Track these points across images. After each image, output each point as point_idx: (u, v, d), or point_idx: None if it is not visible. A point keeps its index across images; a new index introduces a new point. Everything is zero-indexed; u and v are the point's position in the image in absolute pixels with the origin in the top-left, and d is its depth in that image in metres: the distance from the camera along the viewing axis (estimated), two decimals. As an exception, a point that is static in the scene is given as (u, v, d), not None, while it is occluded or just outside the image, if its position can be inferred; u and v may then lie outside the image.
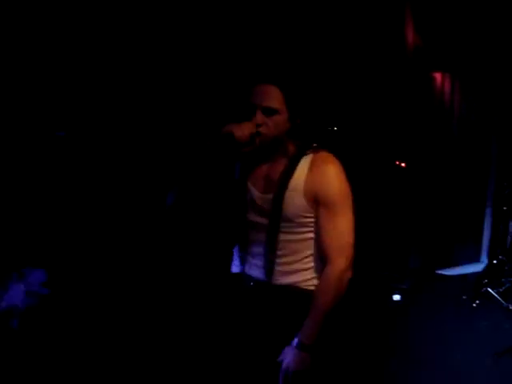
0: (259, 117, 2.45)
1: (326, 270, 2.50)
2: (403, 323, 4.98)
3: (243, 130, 2.41)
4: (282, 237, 2.53)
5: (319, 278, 2.56)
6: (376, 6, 5.72)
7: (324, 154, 2.54)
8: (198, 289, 4.22)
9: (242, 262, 2.66)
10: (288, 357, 2.51)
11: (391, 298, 5.46)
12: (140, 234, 4.48)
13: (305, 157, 2.53)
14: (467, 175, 6.52)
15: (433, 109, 6.28)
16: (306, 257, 2.56)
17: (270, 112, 2.45)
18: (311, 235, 2.54)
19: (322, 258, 2.56)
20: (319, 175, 2.48)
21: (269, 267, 2.56)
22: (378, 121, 5.84)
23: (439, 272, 6.35)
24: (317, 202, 2.49)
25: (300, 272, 2.56)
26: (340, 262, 2.48)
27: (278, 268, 2.55)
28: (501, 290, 5.39)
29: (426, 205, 6.11)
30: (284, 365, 2.51)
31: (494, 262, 5.67)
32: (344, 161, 2.58)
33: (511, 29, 6.10)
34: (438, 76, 6.33)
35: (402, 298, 5.47)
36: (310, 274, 2.57)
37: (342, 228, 2.49)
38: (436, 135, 6.27)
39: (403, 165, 5.76)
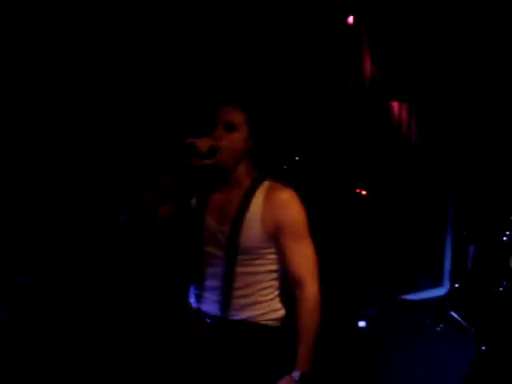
0: (219, 131, 2.50)
1: (302, 295, 2.49)
2: (368, 349, 5.00)
3: (203, 142, 2.45)
4: (239, 269, 2.52)
5: (276, 311, 2.57)
6: (334, 38, 5.82)
7: (278, 184, 2.55)
8: (153, 321, 4.19)
9: (197, 299, 2.62)
10: None
11: (356, 324, 5.48)
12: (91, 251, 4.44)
13: (260, 187, 2.54)
14: (426, 202, 6.62)
15: (391, 137, 6.38)
16: (263, 289, 2.55)
17: (230, 127, 2.50)
18: (268, 267, 2.55)
19: (277, 289, 2.57)
20: (277, 205, 2.50)
21: (225, 301, 2.54)
22: (337, 150, 5.91)
23: (403, 297, 6.41)
24: (278, 231, 2.49)
25: (256, 305, 2.55)
26: (314, 284, 2.50)
27: (234, 301, 2.53)
28: (464, 313, 5.45)
29: (387, 231, 6.18)
30: None
31: (456, 285, 5.73)
32: (304, 189, 2.62)
33: (465, 59, 6.26)
34: (395, 105, 6.45)
35: (366, 324, 5.50)
36: (267, 308, 2.56)
37: (308, 252, 2.52)
38: (394, 163, 6.37)
39: (364, 193, 5.83)
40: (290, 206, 2.51)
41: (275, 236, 2.51)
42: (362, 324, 5.48)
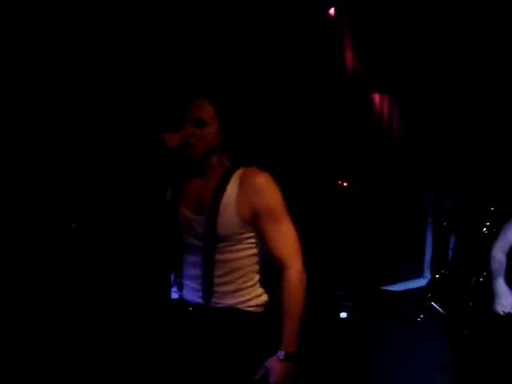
0: (189, 127, 2.49)
1: (286, 275, 2.49)
2: (350, 340, 5.03)
3: (173, 138, 2.44)
4: (218, 257, 2.52)
5: (258, 296, 2.58)
6: (316, 29, 5.82)
7: (251, 168, 2.55)
8: (136, 315, 4.18)
9: (179, 288, 2.63)
10: (276, 371, 2.48)
11: (338, 315, 5.51)
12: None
13: (234, 174, 2.53)
14: (408, 193, 6.65)
15: (372, 129, 6.40)
16: (244, 275, 2.55)
17: (199, 124, 2.49)
18: (247, 252, 2.55)
19: (259, 274, 2.58)
20: (251, 189, 2.49)
21: (206, 289, 2.54)
22: (319, 141, 5.92)
23: (384, 288, 6.45)
24: (256, 215, 2.49)
25: (239, 292, 2.55)
26: (297, 264, 2.50)
27: (216, 289, 2.54)
28: (444, 303, 5.50)
29: (368, 223, 6.20)
30: (273, 379, 2.48)
31: (437, 276, 5.77)
32: (284, 181, 2.62)
33: (446, 50, 6.29)
34: (376, 97, 6.46)
35: (348, 315, 5.53)
36: (249, 294, 2.57)
37: (289, 232, 2.52)
38: (376, 154, 6.39)
39: (345, 184, 5.85)
40: (264, 189, 2.50)
41: (253, 220, 2.50)
42: (343, 315, 5.50)
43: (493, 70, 6.03)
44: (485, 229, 5.26)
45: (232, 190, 2.51)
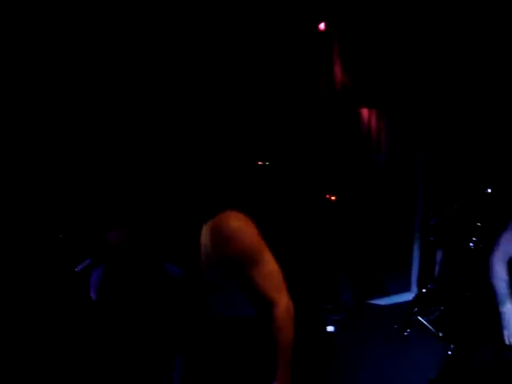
0: None
1: (273, 313, 2.50)
2: (337, 354, 5.03)
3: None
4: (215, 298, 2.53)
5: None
6: (306, 44, 5.85)
7: (220, 217, 2.47)
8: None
9: None
10: None
11: (325, 329, 5.51)
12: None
13: (205, 226, 2.48)
14: (395, 207, 6.67)
15: (360, 143, 6.43)
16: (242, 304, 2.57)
17: None
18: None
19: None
20: (222, 240, 2.44)
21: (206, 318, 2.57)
22: (307, 155, 5.94)
23: (371, 302, 6.46)
24: (233, 263, 2.45)
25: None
26: (282, 298, 2.51)
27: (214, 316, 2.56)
28: (431, 318, 5.51)
29: (356, 236, 6.22)
30: None
31: (424, 290, 5.79)
32: (273, 195, 2.63)
33: (434, 66, 6.34)
34: (364, 112, 6.49)
35: (335, 329, 5.53)
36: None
37: (270, 271, 2.50)
38: (364, 169, 6.42)
39: (333, 198, 5.87)
40: (234, 237, 2.45)
41: (232, 267, 2.47)
42: (330, 329, 5.50)
43: (481, 85, 6.09)
44: (471, 244, 5.29)
45: (205, 242, 2.46)
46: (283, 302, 2.50)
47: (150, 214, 2.55)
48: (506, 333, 3.49)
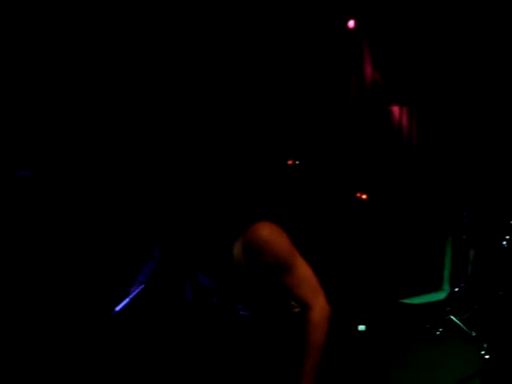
0: None
1: (309, 316, 2.60)
2: (368, 353, 5.02)
3: None
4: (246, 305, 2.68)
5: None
6: (335, 42, 5.84)
7: (251, 230, 2.57)
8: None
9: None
10: None
11: (356, 328, 5.49)
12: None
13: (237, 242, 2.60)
14: (427, 205, 6.63)
15: (392, 142, 6.39)
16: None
17: None
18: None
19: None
20: (254, 251, 2.55)
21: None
22: (338, 154, 5.93)
23: (403, 301, 6.42)
24: (268, 271, 2.57)
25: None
26: (318, 302, 2.61)
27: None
28: (463, 317, 5.47)
29: (387, 235, 6.19)
30: None
31: (456, 289, 5.74)
32: (305, 194, 2.66)
33: (465, 62, 6.28)
34: (395, 109, 6.46)
35: (366, 328, 5.51)
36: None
37: (304, 275, 2.61)
38: (395, 167, 6.38)
39: (364, 197, 5.85)
40: (266, 246, 2.55)
41: (268, 275, 2.59)
42: (361, 327, 5.49)
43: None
44: (505, 242, 5.23)
45: (238, 253, 2.59)
46: (319, 306, 2.60)
47: (182, 226, 2.64)
48: None
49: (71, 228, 4.44)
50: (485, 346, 4.86)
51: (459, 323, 5.40)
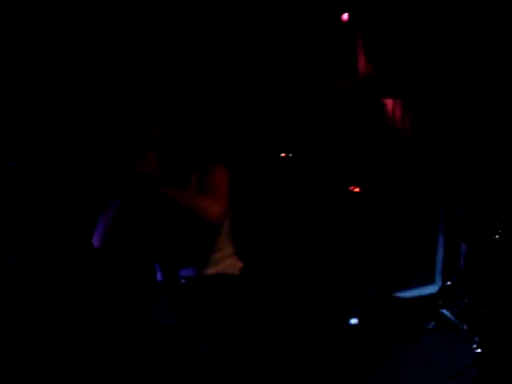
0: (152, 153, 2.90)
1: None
2: (360, 346, 5.03)
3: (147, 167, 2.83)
4: None
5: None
6: (329, 35, 5.83)
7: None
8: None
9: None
10: None
11: (349, 321, 5.51)
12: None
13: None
14: (419, 199, 6.64)
15: (385, 134, 6.39)
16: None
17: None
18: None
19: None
20: None
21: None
22: (331, 147, 5.93)
23: (394, 295, 6.44)
24: None
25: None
26: None
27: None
28: (455, 311, 5.48)
29: (380, 229, 6.20)
30: None
31: (448, 283, 5.76)
32: (297, 186, 2.68)
33: (459, 56, 6.28)
34: (389, 102, 6.45)
35: (359, 321, 5.53)
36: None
37: None
38: (388, 161, 6.39)
39: (357, 190, 5.85)
40: None
41: None
42: (354, 321, 5.50)
43: (509, 76, 6.02)
44: (497, 236, 5.24)
45: None
46: None
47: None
48: None
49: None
50: (476, 339, 4.87)
51: (451, 317, 5.41)
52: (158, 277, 3.10)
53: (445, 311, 5.46)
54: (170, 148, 2.94)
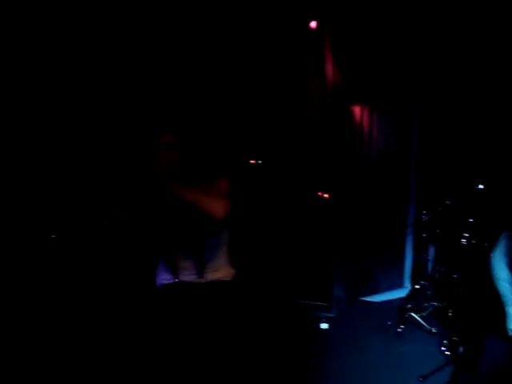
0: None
1: None
2: (330, 350, 5.04)
3: (161, 166, 3.02)
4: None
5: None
6: (297, 42, 5.86)
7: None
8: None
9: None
10: None
11: (319, 326, 5.52)
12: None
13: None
14: (387, 204, 6.69)
15: (352, 140, 6.44)
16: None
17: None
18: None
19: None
20: None
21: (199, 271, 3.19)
22: (300, 153, 5.95)
23: (364, 299, 6.48)
24: None
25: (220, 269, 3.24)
26: None
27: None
28: (424, 314, 5.54)
29: (349, 234, 6.23)
30: None
31: (417, 287, 5.81)
32: (266, 192, 2.71)
33: (426, 63, 6.36)
34: (357, 109, 6.50)
35: (329, 326, 5.54)
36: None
37: None
38: (356, 166, 6.43)
39: (326, 195, 5.88)
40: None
41: None
42: (324, 326, 5.51)
43: (473, 82, 6.10)
44: (464, 240, 5.31)
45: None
46: None
47: None
48: None
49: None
50: (445, 342, 4.93)
51: (420, 320, 5.46)
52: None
53: (414, 315, 5.51)
54: (179, 150, 3.09)
